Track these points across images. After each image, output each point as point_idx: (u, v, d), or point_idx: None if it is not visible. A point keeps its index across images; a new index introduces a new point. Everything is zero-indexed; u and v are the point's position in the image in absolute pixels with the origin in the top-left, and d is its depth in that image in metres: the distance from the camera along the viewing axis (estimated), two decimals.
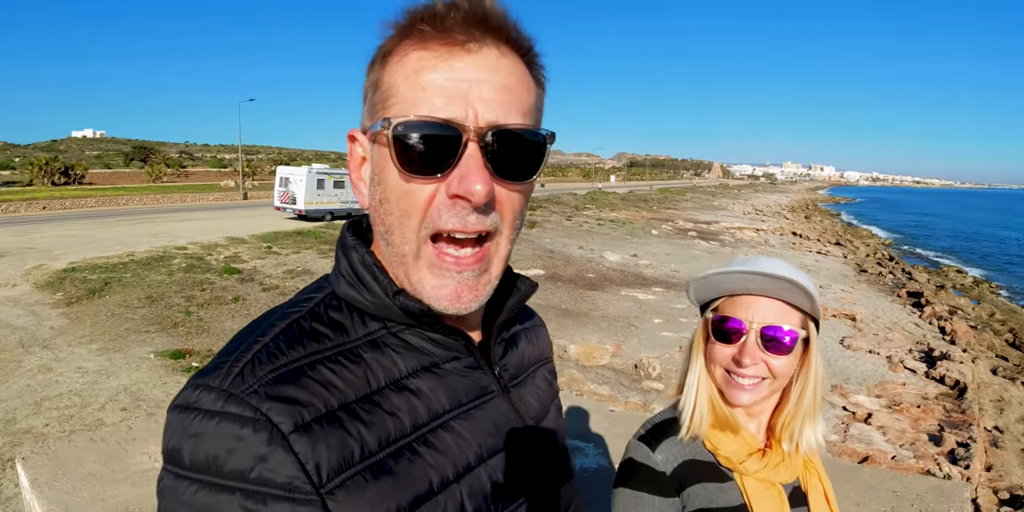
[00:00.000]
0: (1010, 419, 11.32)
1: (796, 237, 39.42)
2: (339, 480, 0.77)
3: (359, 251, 0.93)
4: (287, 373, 0.80)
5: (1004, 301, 26.26)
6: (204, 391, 0.77)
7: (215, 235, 21.36)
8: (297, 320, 0.88)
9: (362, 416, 0.82)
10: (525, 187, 0.91)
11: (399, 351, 0.91)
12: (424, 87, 0.82)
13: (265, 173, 74.27)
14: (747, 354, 1.41)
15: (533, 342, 1.21)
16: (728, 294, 1.48)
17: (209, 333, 11.41)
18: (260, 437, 0.74)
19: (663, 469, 1.45)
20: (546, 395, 1.17)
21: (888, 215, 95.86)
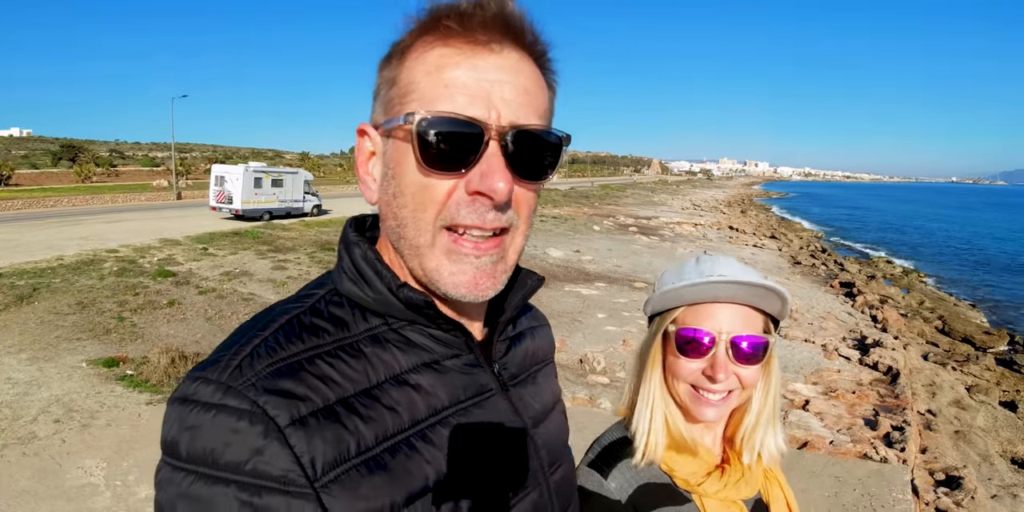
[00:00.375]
0: (942, 402, 11.78)
1: (733, 231, 40.22)
2: (334, 474, 0.78)
3: (361, 247, 0.94)
4: (285, 367, 0.81)
5: (932, 290, 27.36)
6: (202, 383, 0.78)
7: (148, 237, 20.72)
8: (298, 315, 0.89)
9: (360, 411, 0.83)
10: (538, 186, 0.94)
11: (400, 347, 0.91)
12: (447, 84, 0.84)
13: (199, 172, 72.38)
14: (720, 368, 1.31)
15: (537, 343, 1.20)
16: (689, 303, 1.37)
17: (143, 339, 11.08)
18: (256, 430, 0.75)
19: (617, 497, 1.36)
20: (547, 397, 1.16)
21: (820, 209, 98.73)
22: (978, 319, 22.13)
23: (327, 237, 23.11)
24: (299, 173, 32.72)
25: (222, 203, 29.35)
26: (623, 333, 13.06)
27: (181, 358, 9.70)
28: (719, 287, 1.33)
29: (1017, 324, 21.95)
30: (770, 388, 1.41)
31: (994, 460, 9.64)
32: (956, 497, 7.71)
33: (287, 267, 17.70)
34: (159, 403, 7.88)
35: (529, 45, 0.90)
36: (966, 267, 37.72)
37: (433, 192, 0.85)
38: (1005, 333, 19.01)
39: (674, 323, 1.38)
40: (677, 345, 1.37)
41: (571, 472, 1.19)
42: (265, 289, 15.41)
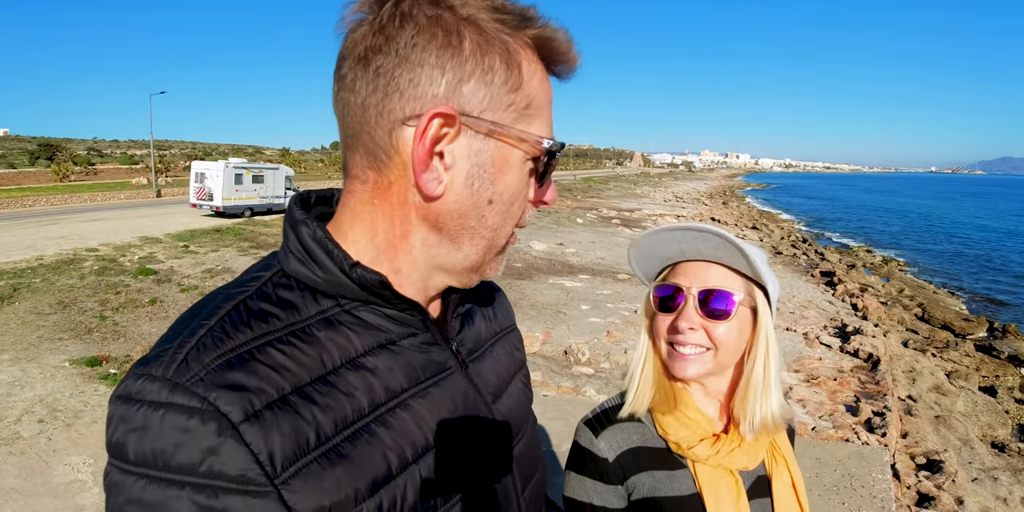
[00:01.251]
0: (922, 388, 11.93)
1: (715, 222, 40.39)
2: (294, 469, 0.74)
3: (309, 226, 0.88)
4: (235, 358, 0.76)
5: (912, 278, 27.63)
6: (147, 381, 0.73)
7: (128, 235, 20.54)
8: (244, 301, 0.84)
9: (316, 399, 0.79)
10: None
11: (354, 328, 0.87)
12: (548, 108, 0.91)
13: (179, 169, 71.68)
14: (684, 318, 1.36)
15: (489, 314, 1.18)
16: (670, 263, 1.47)
17: (126, 338, 11.00)
18: (209, 428, 0.71)
19: (605, 455, 1.40)
20: (507, 368, 1.14)
21: (801, 199, 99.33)
22: (957, 306, 22.40)
23: None
24: (280, 169, 32.53)
25: (202, 200, 29.12)
26: (607, 324, 13.12)
27: None
28: (677, 236, 1.39)
29: (995, 311, 22.26)
30: (757, 356, 1.40)
31: (974, 444, 9.79)
32: (937, 480, 7.83)
33: None
34: None
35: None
36: (945, 255, 38.14)
37: (523, 203, 0.92)
38: (984, 320, 19.25)
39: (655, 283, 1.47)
40: (654, 302, 1.45)
41: (533, 441, 1.17)
42: None
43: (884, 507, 4.68)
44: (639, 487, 1.39)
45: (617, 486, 1.40)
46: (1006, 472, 8.98)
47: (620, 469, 1.40)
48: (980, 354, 15.69)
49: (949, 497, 7.43)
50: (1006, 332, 18.14)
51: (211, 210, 28.81)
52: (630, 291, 16.60)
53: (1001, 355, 15.91)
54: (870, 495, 4.82)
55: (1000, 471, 8.98)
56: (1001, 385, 13.58)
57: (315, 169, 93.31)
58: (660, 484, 1.38)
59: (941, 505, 7.23)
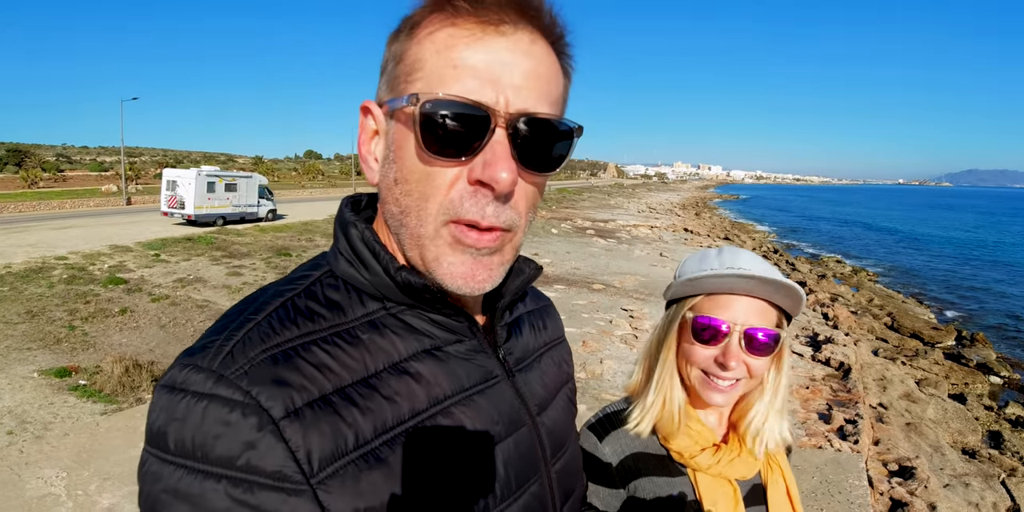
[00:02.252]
0: (893, 396, 12.09)
1: (688, 233, 40.69)
2: (331, 470, 0.74)
3: (358, 227, 0.89)
4: (280, 354, 0.77)
5: (881, 287, 28.05)
6: (193, 371, 0.74)
7: (98, 243, 20.21)
8: (292, 298, 0.85)
9: (357, 401, 0.79)
10: (543, 179, 0.89)
11: (399, 333, 0.87)
12: (456, 64, 0.79)
13: (150, 176, 70.86)
14: (732, 357, 1.36)
15: (539, 325, 1.16)
16: (708, 292, 1.42)
17: (96, 348, 10.82)
18: (249, 422, 0.71)
19: (609, 460, 1.43)
20: (555, 380, 1.12)
21: (772, 211, 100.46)
22: (926, 315, 22.75)
23: (283, 242, 22.82)
24: (253, 177, 32.23)
25: (174, 208, 28.75)
26: (582, 334, 13.13)
27: (135, 367, 9.49)
28: (739, 281, 1.37)
29: (964, 320, 22.64)
30: (781, 380, 1.46)
31: (945, 451, 9.92)
32: (910, 487, 7.92)
33: (242, 273, 17.44)
34: (114, 413, 7.70)
35: (545, 28, 0.85)
36: (914, 266, 38.75)
37: (436, 181, 0.80)
38: (952, 328, 19.59)
39: (692, 310, 1.43)
40: (693, 332, 1.42)
41: (575, 458, 1.14)
42: (220, 296, 15.15)
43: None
44: (639, 492, 1.41)
45: (619, 490, 1.42)
46: (977, 478, 9.11)
47: (623, 473, 1.42)
48: (949, 362, 15.96)
49: (922, 503, 7.51)
50: (974, 340, 18.48)
51: (183, 218, 28.46)
52: (605, 301, 16.65)
53: (970, 363, 16.20)
54: (848, 501, 4.88)
55: (971, 477, 9.11)
56: (970, 392, 13.83)
57: (289, 178, 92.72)
58: (660, 490, 1.41)
59: (914, 511, 7.31)
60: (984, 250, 50.43)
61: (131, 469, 5.05)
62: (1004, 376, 15.65)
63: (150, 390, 9.10)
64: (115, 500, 4.72)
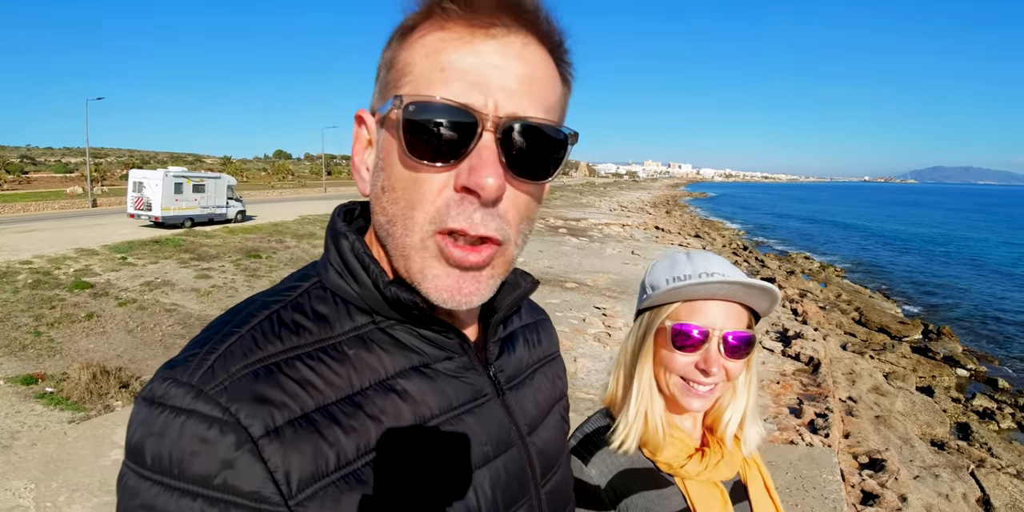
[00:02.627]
0: (861, 390, 12.29)
1: (659, 231, 41.04)
2: (310, 491, 0.72)
3: (349, 238, 0.86)
4: (262, 370, 0.74)
5: (849, 283, 28.51)
6: (172, 385, 0.71)
7: (63, 247, 19.84)
8: (278, 311, 0.82)
9: (341, 420, 0.76)
10: (537, 189, 0.85)
11: (387, 348, 0.84)
12: (443, 67, 0.77)
13: (116, 178, 69.69)
14: (713, 362, 1.36)
15: (533, 340, 1.13)
16: (685, 299, 1.42)
17: (62, 354, 10.64)
18: (227, 440, 0.69)
19: (597, 483, 1.40)
20: (547, 398, 1.09)
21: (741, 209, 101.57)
22: (893, 310, 23.15)
23: (252, 244, 22.60)
24: (222, 178, 31.86)
25: (141, 210, 28.31)
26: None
27: (103, 373, 9.36)
28: (721, 287, 1.37)
29: (930, 314, 23.07)
30: (752, 380, 1.47)
31: (914, 443, 10.10)
32: (880, 479, 8.06)
33: (211, 276, 17.26)
34: (82, 421, 7.56)
35: (542, 33, 0.82)
36: (880, 262, 39.42)
37: (423, 188, 0.77)
38: (919, 322, 19.96)
39: (670, 318, 1.42)
40: (672, 340, 1.40)
41: (566, 478, 1.11)
42: (188, 299, 14.98)
43: (836, 508, 4.80)
44: (632, 509, 1.40)
45: (611, 511, 1.40)
46: (946, 469, 9.28)
47: (613, 493, 1.40)
48: (916, 355, 16.28)
49: (893, 495, 7.64)
50: (941, 334, 18.84)
51: (150, 220, 28.01)
52: (578, 300, 16.71)
53: (937, 356, 16.52)
54: (822, 496, 4.93)
55: (941, 468, 9.28)
56: (938, 385, 14.09)
57: (258, 178, 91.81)
58: (651, 504, 1.39)
59: (885, 503, 7.43)
60: (950, 246, 51.52)
61: (100, 480, 4.96)
62: (971, 369, 15.99)
63: (118, 397, 8.96)
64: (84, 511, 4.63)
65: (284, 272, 18.27)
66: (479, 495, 0.86)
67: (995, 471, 9.45)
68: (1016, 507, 8.44)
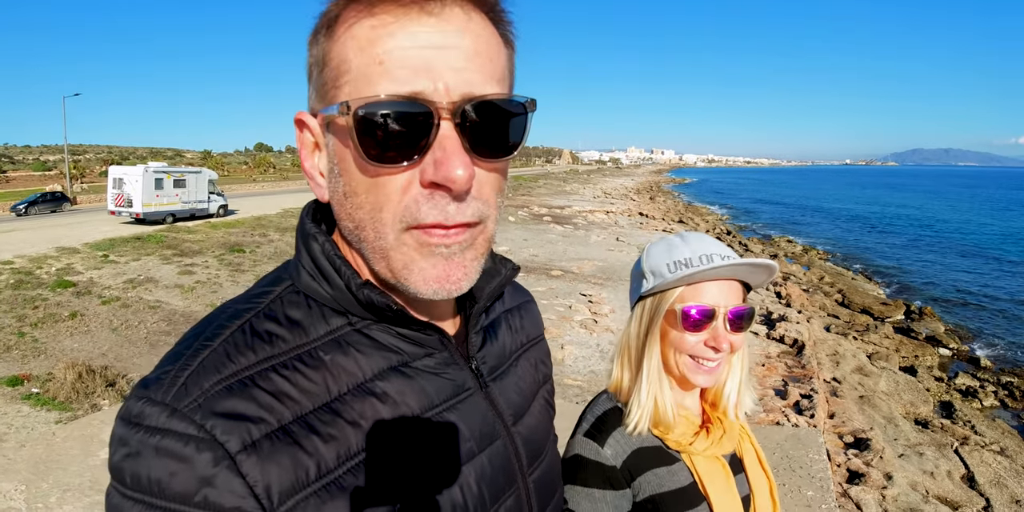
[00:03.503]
0: (845, 370, 12.42)
1: (643, 217, 41.10)
2: (292, 503, 0.72)
3: (319, 240, 0.84)
4: (236, 384, 0.73)
5: (831, 265, 28.74)
6: (147, 404, 0.71)
7: (43, 246, 19.63)
8: (250, 320, 0.80)
9: (319, 429, 0.76)
10: (504, 164, 0.81)
11: (364, 350, 0.82)
12: (382, 60, 0.72)
13: (95, 174, 69.01)
14: (721, 338, 1.42)
15: (516, 325, 1.12)
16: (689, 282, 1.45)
17: (47, 355, 10.56)
18: (205, 458, 0.68)
19: (613, 463, 1.44)
20: (531, 384, 1.08)
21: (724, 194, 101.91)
22: (875, 291, 23.38)
23: (235, 238, 22.46)
24: (203, 172, 31.55)
25: (121, 207, 27.98)
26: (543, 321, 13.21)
27: (89, 373, 9.30)
28: (727, 270, 1.43)
29: (911, 294, 23.31)
30: (745, 350, 1.54)
31: (898, 422, 10.24)
32: (865, 458, 8.17)
33: (195, 271, 17.14)
34: (70, 421, 7.53)
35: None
36: (862, 244, 39.76)
37: (386, 189, 0.74)
38: (901, 303, 20.18)
39: (678, 301, 1.46)
40: (681, 321, 1.45)
41: (553, 464, 1.10)
42: (172, 296, 14.88)
43: (823, 486, 4.88)
44: (644, 486, 1.44)
45: (626, 490, 1.45)
46: (930, 447, 9.42)
47: (628, 472, 1.45)
48: (899, 336, 16.47)
49: (878, 473, 7.75)
50: (923, 314, 19.06)
51: (131, 217, 27.69)
52: (564, 287, 16.75)
53: (919, 336, 16.72)
54: (808, 475, 5.01)
55: (925, 446, 9.42)
56: (920, 365, 14.27)
57: (239, 172, 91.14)
58: (663, 480, 1.44)
59: (871, 481, 7.54)
60: (931, 228, 51.98)
61: (91, 479, 4.95)
62: (952, 348, 16.20)
63: (104, 396, 8.92)
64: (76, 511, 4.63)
65: (268, 266, 18.19)
66: (465, 491, 0.86)
67: (979, 448, 9.60)
68: (1000, 483, 8.56)
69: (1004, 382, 13.57)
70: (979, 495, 8.35)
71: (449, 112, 0.72)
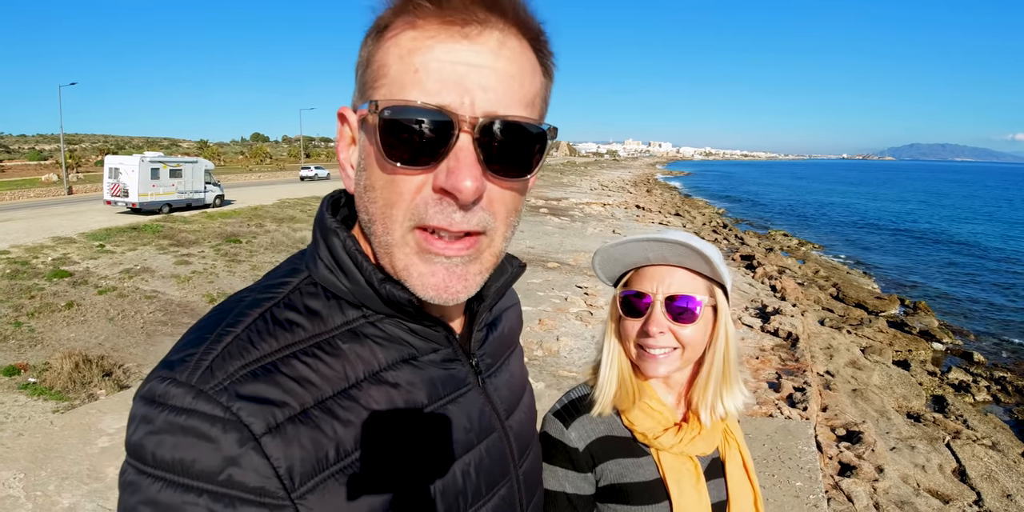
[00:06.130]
0: (839, 364, 12.48)
1: (640, 210, 41.11)
2: (312, 483, 0.75)
3: (340, 235, 0.87)
4: (260, 369, 0.76)
5: (826, 259, 28.79)
6: (172, 384, 0.73)
7: (39, 236, 19.58)
8: (271, 309, 0.84)
9: (339, 413, 0.79)
10: (520, 184, 0.85)
11: (379, 342, 0.86)
12: (417, 69, 0.76)
13: (91, 164, 68.71)
14: (653, 323, 1.40)
15: (511, 324, 1.17)
16: (633, 267, 1.47)
17: (44, 344, 10.59)
18: (231, 438, 0.71)
19: (575, 445, 1.46)
20: (520, 382, 1.13)
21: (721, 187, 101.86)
22: (870, 285, 23.42)
23: (232, 228, 22.44)
24: (199, 162, 31.43)
25: (117, 196, 27.87)
26: (539, 313, 13.25)
27: (85, 362, 9.33)
28: (644, 246, 1.42)
29: (906, 289, 23.39)
30: (717, 350, 1.48)
31: (891, 415, 10.30)
32: (857, 450, 8.23)
33: (191, 261, 17.15)
34: (66, 411, 7.55)
35: (520, 24, 0.80)
36: (857, 238, 39.82)
37: (400, 188, 0.78)
38: (895, 297, 20.24)
39: (623, 287, 1.49)
40: (622, 306, 1.48)
41: (538, 457, 1.17)
42: (169, 285, 14.90)
43: (811, 476, 4.93)
44: (606, 474, 1.46)
45: (588, 473, 1.46)
46: (922, 441, 9.49)
47: (590, 457, 1.46)
48: (893, 330, 16.51)
49: (870, 466, 7.82)
50: (917, 309, 19.14)
51: (127, 207, 27.58)
52: (560, 279, 16.78)
53: (913, 330, 16.77)
54: (797, 466, 5.06)
55: (917, 440, 9.49)
56: (914, 359, 14.34)
57: (235, 162, 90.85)
58: (626, 471, 1.45)
59: (863, 474, 7.60)
60: (927, 223, 52.06)
61: (89, 467, 4.99)
62: (946, 343, 16.26)
63: (101, 385, 8.95)
64: (75, 499, 4.66)
65: (264, 256, 18.19)
66: (465, 479, 0.91)
67: (970, 442, 9.67)
68: (991, 477, 8.63)
69: (997, 377, 13.66)
70: (970, 489, 8.41)
71: (470, 126, 0.76)
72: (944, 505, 7.87)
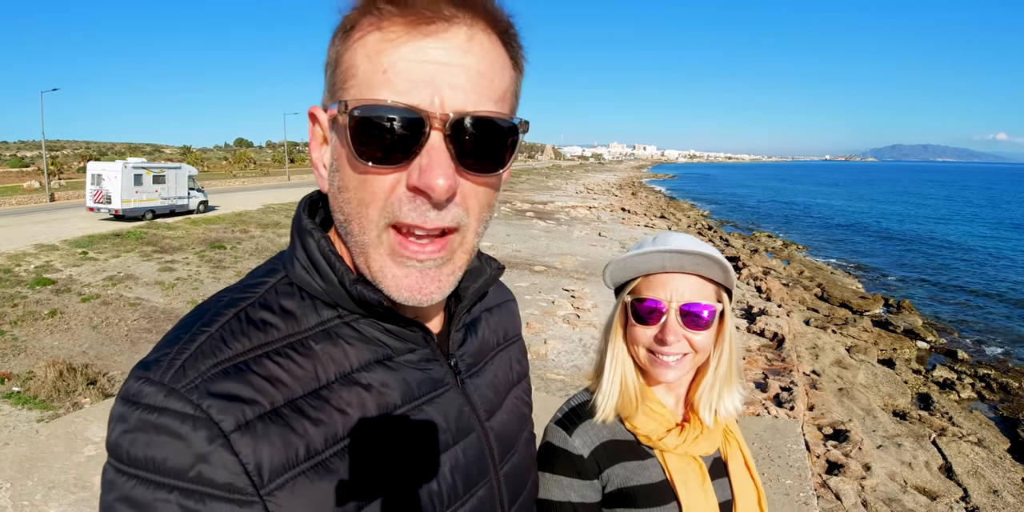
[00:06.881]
0: (825, 363, 12.57)
1: (625, 212, 41.23)
2: (281, 481, 0.76)
3: (315, 236, 0.88)
4: (231, 368, 0.77)
5: (811, 260, 28.99)
6: (145, 384, 0.75)
7: (21, 243, 19.45)
8: (245, 309, 0.85)
9: (309, 413, 0.80)
10: (494, 179, 0.85)
11: (352, 342, 0.87)
12: (386, 69, 0.76)
13: (73, 171, 68.06)
14: (670, 332, 1.40)
15: (496, 324, 1.17)
16: (644, 274, 1.46)
17: (27, 353, 10.48)
18: (200, 435, 0.72)
19: (580, 452, 1.45)
20: (505, 382, 1.13)
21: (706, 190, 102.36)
22: (854, 285, 23.60)
23: (216, 234, 22.33)
24: (182, 168, 31.27)
25: (100, 203, 27.66)
26: (526, 316, 13.25)
27: (70, 370, 9.24)
28: (665, 256, 1.41)
29: (890, 288, 23.59)
30: (724, 353, 1.50)
31: (877, 413, 10.38)
32: (844, 449, 8.29)
33: (175, 268, 17.05)
34: (51, 420, 7.47)
35: (487, 18, 0.80)
36: (841, 238, 40.13)
37: (374, 188, 0.78)
38: (879, 297, 20.40)
39: (631, 294, 1.48)
40: (633, 313, 1.47)
41: (523, 457, 1.15)
42: (153, 293, 14.79)
43: (801, 475, 4.95)
44: (613, 479, 1.46)
45: (594, 480, 1.46)
46: (908, 438, 9.57)
47: (595, 464, 1.46)
48: (877, 329, 16.65)
49: (857, 464, 7.87)
50: (900, 308, 19.30)
51: (110, 213, 27.40)
52: (547, 282, 16.81)
53: (897, 329, 16.92)
54: (787, 465, 5.08)
55: (903, 438, 9.56)
56: (899, 357, 14.46)
57: (219, 167, 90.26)
58: (632, 474, 1.45)
59: (850, 472, 7.66)
60: (909, 223, 52.56)
61: (76, 476, 4.93)
62: (930, 341, 16.41)
63: (86, 394, 8.87)
64: (62, 508, 4.60)
65: (249, 262, 18.09)
66: (440, 480, 0.91)
67: (956, 439, 9.77)
68: (977, 473, 8.71)
69: (981, 374, 13.80)
70: (956, 485, 8.50)
71: (441, 123, 0.76)
72: (931, 502, 7.93)
